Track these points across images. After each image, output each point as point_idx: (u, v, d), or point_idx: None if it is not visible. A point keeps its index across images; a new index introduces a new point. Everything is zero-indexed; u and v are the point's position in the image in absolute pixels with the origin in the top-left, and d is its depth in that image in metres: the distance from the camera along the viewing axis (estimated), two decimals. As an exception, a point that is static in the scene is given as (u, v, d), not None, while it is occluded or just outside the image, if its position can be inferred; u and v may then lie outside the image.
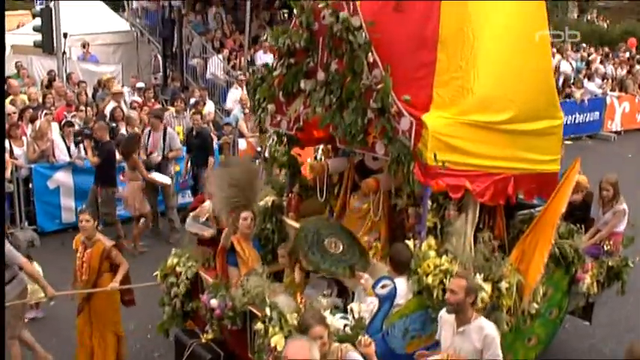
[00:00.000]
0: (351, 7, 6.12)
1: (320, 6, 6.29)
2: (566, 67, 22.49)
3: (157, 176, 11.99)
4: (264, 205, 7.73)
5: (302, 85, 6.67)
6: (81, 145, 12.44)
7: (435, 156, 5.84)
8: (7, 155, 11.48)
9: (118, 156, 11.75)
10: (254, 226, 7.29)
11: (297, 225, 7.25)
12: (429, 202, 6.36)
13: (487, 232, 6.51)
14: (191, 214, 8.26)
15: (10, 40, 26.26)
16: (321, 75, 6.45)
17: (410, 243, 6.20)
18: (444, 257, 6.06)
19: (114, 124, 13.35)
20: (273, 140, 7.71)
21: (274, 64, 7.06)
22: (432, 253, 6.09)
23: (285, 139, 7.68)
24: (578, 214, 8.10)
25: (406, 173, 5.88)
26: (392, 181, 6.65)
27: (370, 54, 6.02)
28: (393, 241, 6.71)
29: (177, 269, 7.47)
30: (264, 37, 15.73)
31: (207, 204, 8.06)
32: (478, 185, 6.28)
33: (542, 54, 7.05)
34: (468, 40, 6.27)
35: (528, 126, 6.67)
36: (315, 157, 7.68)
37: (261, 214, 7.65)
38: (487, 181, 6.35)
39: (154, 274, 7.70)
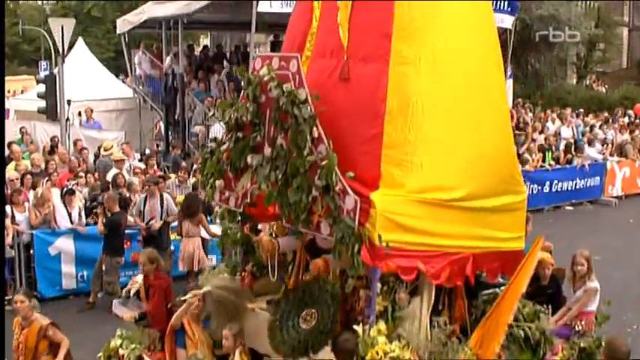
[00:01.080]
0: (297, 79, 5.88)
1: (266, 78, 6.04)
2: (566, 133, 22.70)
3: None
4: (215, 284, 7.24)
5: (249, 160, 6.31)
6: (82, 212, 12.54)
7: (379, 237, 5.49)
8: (8, 221, 11.57)
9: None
10: (204, 306, 7.00)
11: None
12: (379, 285, 6.03)
13: (446, 314, 6.27)
14: (123, 290, 8.13)
15: (13, 104, 26.65)
16: (267, 150, 6.15)
17: (358, 328, 5.83)
18: (395, 343, 5.73)
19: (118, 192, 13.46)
20: (224, 217, 7.20)
21: (222, 138, 6.73)
22: (382, 339, 5.71)
23: (239, 216, 7.14)
24: (549, 293, 7.93)
25: (351, 255, 5.53)
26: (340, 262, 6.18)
27: (315, 128, 5.74)
28: (346, 326, 6.34)
29: (121, 351, 7.20)
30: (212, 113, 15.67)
31: (139, 278, 7.88)
32: (433, 266, 5.89)
33: (501, 124, 6.66)
34: (417, 112, 5.92)
35: (488, 202, 6.27)
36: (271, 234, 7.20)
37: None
38: (443, 261, 5.96)
39: (98, 355, 7.38)
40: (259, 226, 7.32)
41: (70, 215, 12.45)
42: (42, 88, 18.37)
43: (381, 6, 6.11)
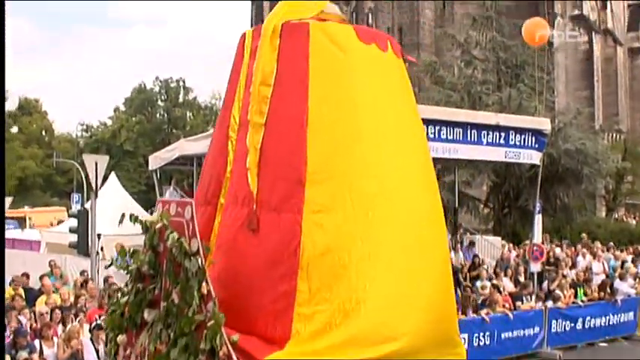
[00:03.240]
0: (191, 227, 5.42)
1: (159, 225, 5.64)
2: (597, 268, 22.51)
3: None
4: None
5: (145, 315, 5.73)
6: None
7: None
8: (36, 355, 11.59)
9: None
10: None
11: None
12: None
13: None
14: None
15: (45, 237, 27.12)
16: (162, 305, 5.57)
17: None
18: None
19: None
20: None
21: (125, 289, 6.11)
22: None
23: None
24: None
25: None
26: None
27: (205, 284, 5.27)
28: None
29: None
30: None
31: None
32: None
33: (439, 274, 5.93)
34: (334, 266, 5.40)
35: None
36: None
37: None
38: None
39: None
40: None
41: (97, 352, 12.45)
42: (74, 222, 18.73)
43: (292, 149, 5.72)
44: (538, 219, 19.76)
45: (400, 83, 6.40)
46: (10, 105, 79.79)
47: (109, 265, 6.92)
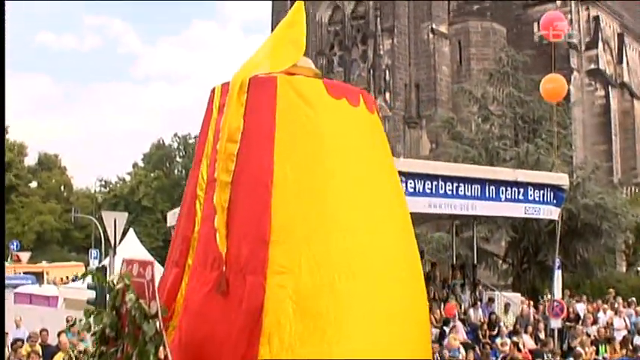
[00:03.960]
0: (151, 289, 5.26)
1: (119, 286, 5.47)
2: (619, 324, 22.24)
3: None
4: None
5: None
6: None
7: None
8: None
9: None
10: None
11: None
12: None
13: None
14: None
15: (62, 292, 27.20)
16: None
17: None
18: None
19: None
20: None
21: (92, 351, 5.86)
22: None
23: None
24: None
25: None
26: None
27: (162, 348, 5.14)
28: None
29: None
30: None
31: None
32: None
33: (419, 336, 5.88)
34: (295, 333, 5.25)
35: None
36: None
37: None
38: None
39: None
40: None
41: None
42: (89, 279, 18.80)
43: (257, 208, 5.54)
44: (558, 274, 19.63)
45: (372, 137, 6.28)
46: (30, 160, 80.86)
47: (71, 326, 6.83)
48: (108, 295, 5.66)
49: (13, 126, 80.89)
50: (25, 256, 50.72)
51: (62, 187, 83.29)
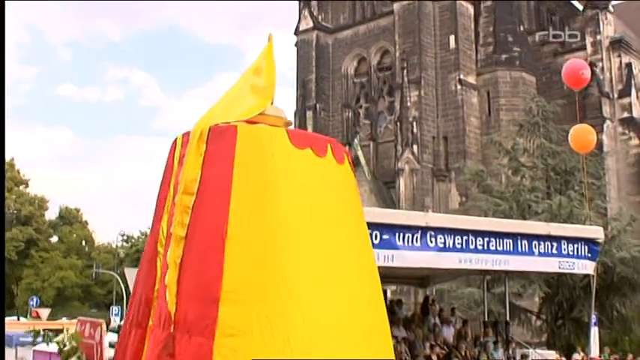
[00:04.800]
0: (99, 350, 5.19)
1: (66, 348, 5.40)
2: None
3: None
4: None
5: None
6: None
7: None
8: None
9: None
10: None
11: None
12: None
13: None
14: None
15: (83, 351, 27.16)
16: None
17: None
18: None
19: None
20: None
21: None
22: None
23: None
24: None
25: None
26: None
27: None
28: None
29: None
30: None
31: None
32: None
33: None
34: None
35: None
36: None
37: None
38: None
39: None
40: None
41: None
42: (113, 337, 18.87)
43: (210, 264, 5.29)
44: (594, 331, 19.39)
45: (338, 188, 5.98)
46: (51, 214, 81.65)
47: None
48: (59, 357, 5.48)
49: (34, 179, 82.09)
50: (44, 312, 50.82)
51: (83, 242, 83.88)
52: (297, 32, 59.79)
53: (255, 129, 5.71)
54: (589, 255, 17.34)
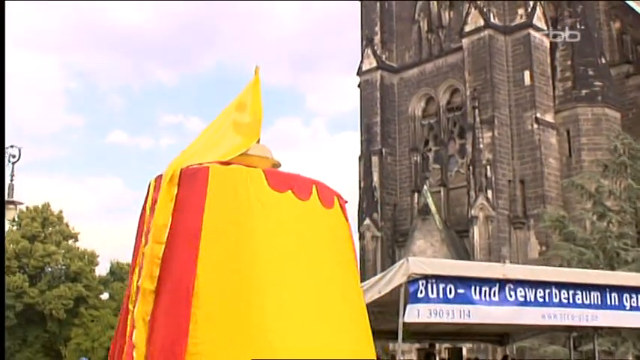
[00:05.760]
0: None
1: None
2: None
3: None
4: None
5: None
6: None
7: None
8: None
9: None
10: None
11: None
12: None
13: None
14: None
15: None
16: None
17: None
18: None
19: None
20: None
21: None
22: None
23: None
24: None
25: None
26: None
27: None
28: None
29: None
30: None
31: None
32: None
33: None
34: None
35: None
36: None
37: None
38: None
39: None
40: None
41: None
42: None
43: (177, 321, 5.11)
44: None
45: (322, 235, 5.72)
46: (101, 269, 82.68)
47: None
48: None
49: (83, 233, 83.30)
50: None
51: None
52: (359, 73, 59.84)
53: (229, 170, 5.51)
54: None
